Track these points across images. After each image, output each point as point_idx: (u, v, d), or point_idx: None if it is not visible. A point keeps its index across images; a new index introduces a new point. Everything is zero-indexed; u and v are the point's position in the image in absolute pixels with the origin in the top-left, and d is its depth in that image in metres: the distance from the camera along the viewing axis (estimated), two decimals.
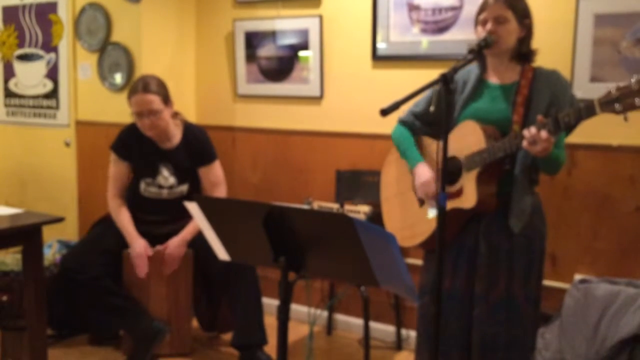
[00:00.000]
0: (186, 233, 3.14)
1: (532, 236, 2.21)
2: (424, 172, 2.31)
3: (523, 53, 2.22)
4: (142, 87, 3.03)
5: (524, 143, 1.98)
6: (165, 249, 3.11)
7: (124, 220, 3.15)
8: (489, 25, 2.15)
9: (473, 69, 2.30)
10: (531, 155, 2.07)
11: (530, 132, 1.96)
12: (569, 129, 2.06)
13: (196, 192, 3.25)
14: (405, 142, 2.44)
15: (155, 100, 3.03)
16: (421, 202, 2.38)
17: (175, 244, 3.11)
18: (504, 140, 2.08)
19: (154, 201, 3.20)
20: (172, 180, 3.18)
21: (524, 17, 2.18)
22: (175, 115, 3.21)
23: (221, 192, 3.26)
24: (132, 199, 3.22)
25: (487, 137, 2.13)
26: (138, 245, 3.08)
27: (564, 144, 2.18)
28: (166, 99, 3.09)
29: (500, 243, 2.19)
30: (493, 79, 2.27)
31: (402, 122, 2.48)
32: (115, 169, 3.22)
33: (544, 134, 1.94)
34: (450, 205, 2.19)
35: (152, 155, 3.16)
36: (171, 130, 3.17)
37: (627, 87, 1.81)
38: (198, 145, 3.21)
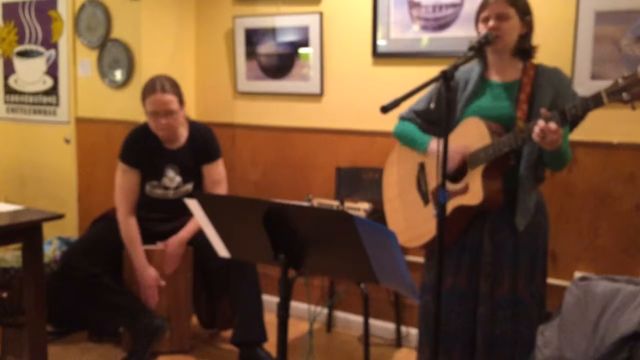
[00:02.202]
0: (185, 232, 3.14)
1: (536, 233, 2.21)
2: None
3: (524, 49, 2.23)
4: (160, 87, 3.02)
5: (535, 136, 1.97)
6: (165, 249, 3.12)
7: (136, 244, 3.09)
8: (491, 22, 2.15)
9: (474, 68, 2.30)
10: (536, 151, 2.07)
11: (539, 124, 1.96)
12: (575, 121, 2.05)
13: (199, 190, 3.26)
14: (409, 130, 2.41)
15: (174, 101, 3.04)
16: (425, 202, 2.37)
17: (175, 244, 3.12)
18: (509, 135, 2.08)
19: (160, 201, 3.20)
20: (178, 180, 3.17)
21: (525, 13, 2.20)
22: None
23: (222, 190, 3.26)
24: (138, 199, 3.20)
25: (491, 133, 2.13)
26: (149, 276, 3.07)
27: (569, 140, 2.17)
28: (181, 101, 3.10)
29: (505, 241, 2.19)
30: (495, 77, 2.27)
31: (403, 119, 2.48)
32: (125, 180, 3.14)
33: (552, 125, 1.94)
34: (456, 202, 2.18)
35: (158, 156, 3.15)
36: (180, 130, 3.17)
37: (633, 77, 1.82)
38: (204, 143, 3.21)
